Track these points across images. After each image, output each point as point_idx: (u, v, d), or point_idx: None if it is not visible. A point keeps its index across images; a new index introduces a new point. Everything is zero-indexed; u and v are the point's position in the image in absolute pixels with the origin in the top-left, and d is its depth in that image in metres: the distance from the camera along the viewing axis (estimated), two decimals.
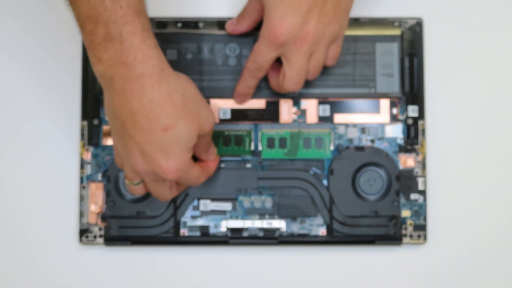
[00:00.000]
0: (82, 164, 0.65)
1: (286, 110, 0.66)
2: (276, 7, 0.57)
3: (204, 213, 0.65)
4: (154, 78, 0.53)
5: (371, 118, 0.66)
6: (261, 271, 0.66)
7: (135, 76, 0.53)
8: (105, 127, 0.66)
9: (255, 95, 0.66)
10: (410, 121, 0.66)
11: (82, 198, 0.65)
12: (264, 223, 0.65)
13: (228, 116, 0.66)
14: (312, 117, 0.66)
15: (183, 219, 0.65)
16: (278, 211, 0.65)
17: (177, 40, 0.66)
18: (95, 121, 0.66)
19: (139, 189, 0.60)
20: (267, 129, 0.66)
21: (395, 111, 0.66)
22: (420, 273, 0.67)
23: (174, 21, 0.66)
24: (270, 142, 0.66)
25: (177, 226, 0.65)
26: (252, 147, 0.66)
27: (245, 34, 0.66)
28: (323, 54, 0.60)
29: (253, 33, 0.66)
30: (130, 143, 0.55)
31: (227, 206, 0.66)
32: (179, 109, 0.54)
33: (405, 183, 0.66)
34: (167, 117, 0.54)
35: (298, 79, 0.60)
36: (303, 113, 0.66)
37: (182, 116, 0.55)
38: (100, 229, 0.65)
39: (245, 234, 0.65)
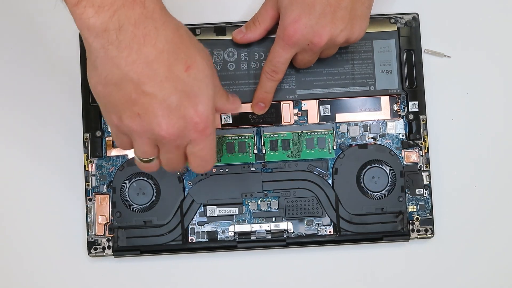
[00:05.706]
0: (87, 176, 0.66)
1: (287, 112, 0.66)
2: (291, 9, 0.58)
3: (211, 219, 0.66)
4: (163, 12, 0.48)
5: (372, 116, 0.66)
6: (271, 273, 0.66)
7: (147, 13, 0.47)
8: (108, 138, 0.66)
9: None
10: (411, 117, 0.66)
11: (88, 211, 0.65)
12: (272, 226, 0.66)
13: (230, 121, 0.66)
14: (313, 118, 0.66)
15: (190, 226, 0.65)
16: (284, 213, 0.66)
17: None
18: (98, 133, 0.66)
19: (153, 165, 0.54)
20: (270, 132, 0.66)
21: (395, 107, 0.66)
22: (430, 267, 0.67)
23: None
24: (273, 145, 0.66)
25: (184, 233, 0.65)
26: (255, 151, 0.66)
27: None
28: (334, 51, 0.63)
29: None
30: (151, 105, 0.48)
31: (233, 210, 0.66)
32: (190, 44, 0.49)
33: (410, 179, 0.66)
34: (185, 56, 0.48)
35: (305, 66, 0.64)
36: (304, 114, 0.66)
37: (195, 51, 0.49)
38: (108, 240, 0.65)
39: (253, 237, 0.65)
